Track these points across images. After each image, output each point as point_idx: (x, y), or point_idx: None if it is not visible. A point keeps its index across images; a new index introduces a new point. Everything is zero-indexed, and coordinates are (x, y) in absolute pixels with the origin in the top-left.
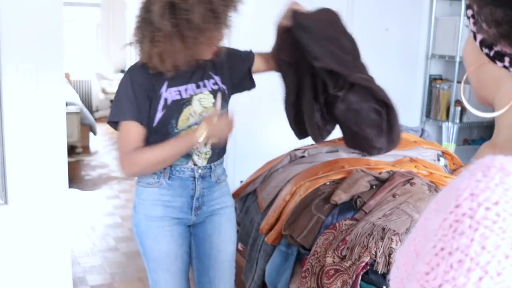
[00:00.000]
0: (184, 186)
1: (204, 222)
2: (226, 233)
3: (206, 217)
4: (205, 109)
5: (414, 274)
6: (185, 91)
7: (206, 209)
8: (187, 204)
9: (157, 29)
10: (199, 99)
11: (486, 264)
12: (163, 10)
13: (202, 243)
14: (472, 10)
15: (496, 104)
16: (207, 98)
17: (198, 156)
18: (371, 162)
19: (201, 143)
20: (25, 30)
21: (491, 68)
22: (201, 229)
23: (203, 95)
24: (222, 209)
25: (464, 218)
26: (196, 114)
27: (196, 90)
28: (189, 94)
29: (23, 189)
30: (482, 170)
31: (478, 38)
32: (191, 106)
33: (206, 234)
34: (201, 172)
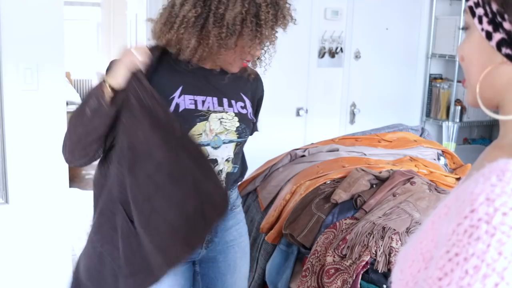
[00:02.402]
0: None
1: (216, 259)
2: (241, 270)
3: (219, 251)
4: (226, 131)
5: (426, 279)
6: (201, 102)
7: (218, 241)
8: None
9: (176, 14)
10: (220, 119)
11: (503, 270)
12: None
13: (214, 283)
14: (485, 8)
15: (504, 106)
16: (231, 121)
17: None
18: (371, 161)
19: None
20: (26, 30)
21: (505, 69)
22: (213, 268)
23: (227, 116)
24: (237, 242)
25: (480, 223)
26: (213, 133)
27: (217, 107)
28: (206, 108)
29: (24, 188)
30: (497, 174)
31: (496, 37)
32: (208, 122)
33: (220, 273)
34: None
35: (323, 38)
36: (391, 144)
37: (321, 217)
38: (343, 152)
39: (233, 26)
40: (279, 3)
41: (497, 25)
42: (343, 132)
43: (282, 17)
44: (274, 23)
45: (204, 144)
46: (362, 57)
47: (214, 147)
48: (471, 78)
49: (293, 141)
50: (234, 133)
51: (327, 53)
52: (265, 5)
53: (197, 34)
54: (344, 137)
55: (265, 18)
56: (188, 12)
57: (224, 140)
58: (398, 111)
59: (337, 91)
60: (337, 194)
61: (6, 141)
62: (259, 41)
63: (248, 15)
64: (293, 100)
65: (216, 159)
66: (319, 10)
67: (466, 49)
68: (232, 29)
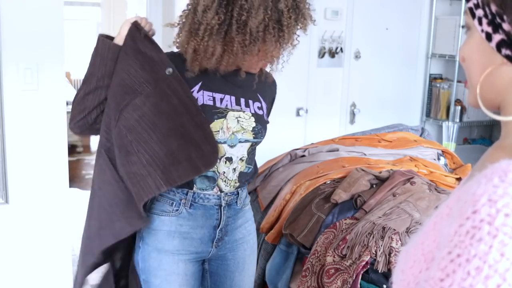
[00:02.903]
0: (208, 215)
1: (225, 257)
2: (249, 268)
3: (228, 249)
4: (243, 130)
5: (427, 280)
6: (220, 100)
7: (228, 239)
8: (209, 236)
9: (199, 21)
10: (237, 117)
11: (505, 271)
12: (211, 0)
13: (223, 281)
14: (484, 10)
15: (505, 107)
16: (247, 120)
17: (225, 182)
18: (371, 161)
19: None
20: (26, 29)
21: (505, 70)
22: (222, 266)
23: (244, 115)
24: (246, 239)
25: (482, 224)
26: (229, 131)
27: (235, 106)
28: (224, 106)
29: (24, 188)
30: (499, 175)
31: (496, 39)
32: (225, 120)
33: (228, 271)
34: (228, 199)
35: (323, 38)
36: (391, 144)
37: (321, 217)
38: (343, 152)
39: (257, 33)
40: (299, 6)
41: (497, 26)
42: (343, 132)
43: (303, 19)
44: (296, 27)
45: (221, 141)
46: (362, 57)
47: (230, 145)
48: (472, 79)
49: (293, 141)
50: (251, 133)
51: (327, 53)
52: (287, 10)
53: (222, 41)
54: (344, 137)
55: (288, 24)
56: (212, 20)
57: (240, 139)
58: (398, 111)
59: (337, 91)
60: (337, 194)
61: (6, 141)
62: (281, 45)
63: (271, 21)
64: (293, 100)
65: (231, 157)
66: (319, 10)
67: (467, 50)
68: (255, 36)
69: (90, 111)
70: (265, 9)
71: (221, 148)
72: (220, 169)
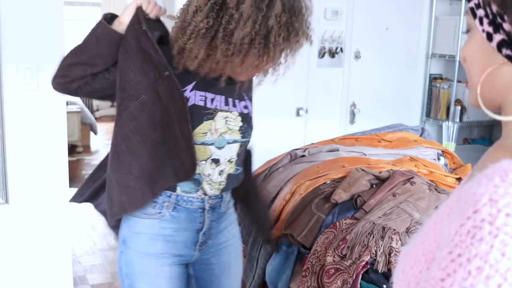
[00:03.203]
0: (191, 218)
1: (210, 261)
2: (235, 271)
3: (212, 253)
4: (230, 130)
5: (428, 280)
6: (211, 100)
7: (211, 243)
8: (192, 239)
9: (188, 21)
10: (225, 117)
11: (506, 271)
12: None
13: (209, 285)
14: (485, 10)
15: (506, 107)
16: (234, 120)
17: (210, 185)
18: (371, 161)
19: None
20: (26, 30)
21: (506, 70)
22: (208, 271)
23: (231, 115)
24: (230, 243)
25: (483, 224)
26: (217, 132)
27: (223, 106)
28: (214, 106)
29: (24, 188)
30: (500, 175)
31: (496, 38)
32: (213, 122)
33: (214, 276)
34: (212, 202)
35: (323, 38)
36: (391, 144)
37: (321, 217)
38: (343, 152)
39: (240, 45)
40: (294, 25)
41: (497, 26)
42: (343, 132)
43: (296, 40)
44: (285, 47)
45: (209, 143)
46: (362, 57)
47: (218, 147)
48: (473, 79)
49: (293, 141)
50: (238, 133)
51: (327, 53)
52: (277, 27)
53: (206, 46)
54: (344, 137)
55: (275, 41)
56: (200, 22)
57: (228, 140)
58: (398, 111)
59: (337, 91)
60: (337, 194)
61: (6, 141)
62: (266, 62)
63: (258, 36)
64: (293, 100)
65: (218, 159)
66: (319, 10)
67: (468, 50)
68: (239, 47)
69: (73, 80)
70: (253, 22)
71: (208, 149)
72: (205, 171)
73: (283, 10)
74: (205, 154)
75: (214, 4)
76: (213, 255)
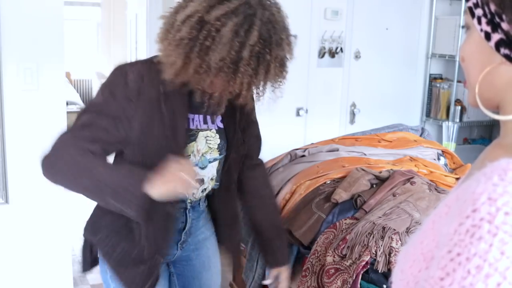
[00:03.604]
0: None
1: (190, 258)
2: (216, 266)
3: (192, 250)
4: (210, 150)
5: (427, 279)
6: (192, 121)
7: (191, 241)
8: (174, 238)
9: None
10: (205, 137)
11: (505, 270)
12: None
13: (190, 282)
14: (483, 9)
15: (504, 106)
16: (214, 138)
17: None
18: (371, 161)
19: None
20: (26, 29)
21: (504, 69)
22: (188, 268)
23: (210, 133)
24: (208, 239)
25: (482, 223)
26: (199, 153)
27: (203, 125)
28: (195, 126)
29: (24, 188)
30: (499, 174)
31: (494, 38)
32: (196, 143)
33: (195, 271)
34: (193, 202)
35: (323, 38)
36: (391, 144)
37: (322, 217)
38: (343, 152)
39: (213, 66)
40: (265, 57)
41: (496, 25)
42: (343, 132)
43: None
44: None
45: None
46: (362, 57)
47: (201, 167)
48: (471, 78)
49: (293, 141)
50: (216, 151)
51: (327, 53)
52: (248, 57)
53: (183, 56)
54: (344, 137)
55: (244, 71)
56: (185, 32)
57: (209, 159)
58: (398, 111)
59: (337, 91)
60: (338, 193)
61: (6, 141)
62: (232, 89)
63: (231, 61)
64: (293, 100)
65: (202, 179)
66: (319, 10)
67: (466, 50)
68: (210, 68)
69: None
70: (230, 48)
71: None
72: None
73: (258, 40)
74: None
75: (200, 18)
76: (192, 251)
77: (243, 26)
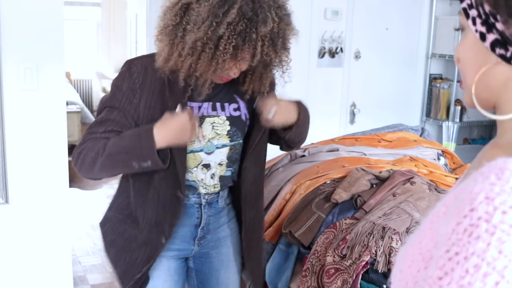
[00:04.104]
0: (189, 214)
1: (209, 255)
2: (235, 266)
3: (211, 247)
4: (218, 135)
5: (426, 279)
6: (198, 109)
7: (211, 238)
8: (190, 234)
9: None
10: (212, 123)
11: (503, 268)
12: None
13: (208, 279)
14: (478, 10)
15: (501, 106)
16: (222, 124)
17: (205, 189)
18: (371, 161)
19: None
20: (26, 29)
21: (500, 69)
22: (207, 264)
23: (219, 120)
24: (229, 238)
25: (480, 222)
26: (205, 139)
27: (211, 112)
28: (201, 114)
29: (24, 188)
30: (496, 173)
31: (490, 38)
32: (200, 129)
33: (213, 269)
34: (208, 197)
35: (323, 38)
36: (391, 144)
37: (321, 217)
38: (343, 152)
39: (193, 48)
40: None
41: (490, 26)
42: (343, 132)
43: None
44: (237, 57)
45: (197, 150)
46: (362, 57)
47: (207, 153)
48: (467, 79)
49: None
50: (226, 137)
51: (327, 53)
52: (228, 35)
53: (170, 43)
54: (344, 137)
55: (224, 49)
56: (169, 20)
57: (217, 145)
58: (398, 111)
59: (337, 91)
60: (338, 193)
61: (6, 141)
62: (214, 69)
63: (210, 41)
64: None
65: (209, 163)
66: (319, 10)
67: (462, 51)
68: (191, 50)
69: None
70: (207, 27)
71: (197, 156)
72: (198, 177)
73: (240, 19)
74: (195, 161)
75: (184, 4)
76: (212, 248)
77: (223, 6)
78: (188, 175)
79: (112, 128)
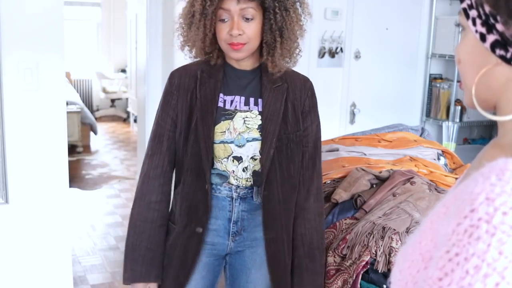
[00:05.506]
0: (220, 206)
1: (244, 254)
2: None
3: (247, 246)
4: (248, 129)
5: (425, 279)
6: (230, 102)
7: (247, 236)
8: (224, 228)
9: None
10: (244, 118)
11: (503, 269)
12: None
13: (239, 275)
14: (478, 10)
15: (501, 107)
16: (253, 119)
17: (236, 180)
18: (371, 161)
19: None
20: (26, 29)
21: (500, 70)
22: (239, 261)
23: (251, 114)
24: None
25: (480, 223)
26: (236, 132)
27: (243, 107)
28: (234, 107)
29: (24, 188)
30: (496, 174)
31: (490, 39)
32: (232, 122)
33: (245, 267)
34: (241, 192)
35: (323, 38)
36: (391, 144)
37: None
38: (343, 152)
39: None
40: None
41: (490, 26)
42: (343, 132)
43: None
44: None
45: (228, 141)
46: (362, 57)
47: (238, 145)
48: (467, 80)
49: None
50: (256, 131)
51: (327, 53)
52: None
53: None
54: (344, 137)
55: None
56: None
57: (247, 139)
58: (398, 111)
59: (337, 91)
60: (338, 193)
61: (6, 141)
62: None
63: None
64: None
65: (241, 156)
66: (319, 10)
67: (462, 51)
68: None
69: None
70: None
71: (228, 147)
72: (229, 168)
73: None
74: (225, 152)
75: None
76: (247, 247)
77: None
78: (218, 164)
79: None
